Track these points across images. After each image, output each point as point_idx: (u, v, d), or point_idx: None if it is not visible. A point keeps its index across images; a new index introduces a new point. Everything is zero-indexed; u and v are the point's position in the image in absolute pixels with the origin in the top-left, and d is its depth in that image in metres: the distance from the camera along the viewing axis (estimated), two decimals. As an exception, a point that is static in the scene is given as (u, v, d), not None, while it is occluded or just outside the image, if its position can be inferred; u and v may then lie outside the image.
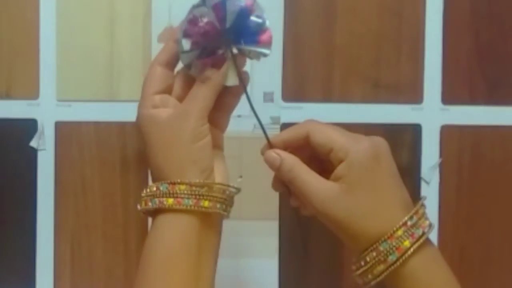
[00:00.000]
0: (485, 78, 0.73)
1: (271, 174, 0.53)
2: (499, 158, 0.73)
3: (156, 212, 0.49)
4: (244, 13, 0.48)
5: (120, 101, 0.73)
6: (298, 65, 0.72)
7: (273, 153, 0.50)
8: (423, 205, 0.49)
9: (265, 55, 0.49)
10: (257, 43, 0.48)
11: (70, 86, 0.74)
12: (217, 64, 0.49)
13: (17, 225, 0.74)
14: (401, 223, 0.47)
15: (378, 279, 0.47)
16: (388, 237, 0.46)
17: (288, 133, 0.51)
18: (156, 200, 0.48)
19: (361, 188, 0.47)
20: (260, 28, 0.48)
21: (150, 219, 0.51)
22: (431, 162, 0.72)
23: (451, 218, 0.72)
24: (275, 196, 0.72)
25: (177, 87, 0.51)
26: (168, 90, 0.51)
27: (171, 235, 0.48)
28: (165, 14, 0.72)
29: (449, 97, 0.72)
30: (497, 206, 0.73)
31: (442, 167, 0.72)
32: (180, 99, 0.51)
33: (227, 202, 0.50)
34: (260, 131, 0.52)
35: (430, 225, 0.48)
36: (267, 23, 0.48)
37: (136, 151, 0.73)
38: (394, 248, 0.46)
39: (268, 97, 0.72)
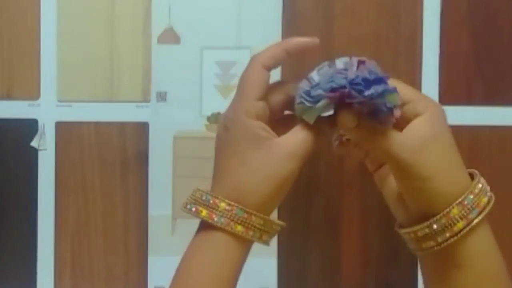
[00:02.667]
0: (482, 78, 0.73)
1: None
2: (496, 158, 0.73)
3: (213, 227, 0.47)
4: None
5: (120, 101, 0.74)
6: (296, 66, 0.73)
7: (349, 114, 0.47)
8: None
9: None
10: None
11: (70, 86, 0.74)
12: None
13: (18, 225, 0.74)
14: (477, 179, 0.47)
15: (456, 238, 0.46)
16: (471, 192, 0.46)
17: None
18: (223, 220, 0.46)
19: (446, 141, 0.47)
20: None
21: (150, 220, 0.51)
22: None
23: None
24: (274, 196, 0.72)
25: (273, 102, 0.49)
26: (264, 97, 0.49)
27: (227, 257, 0.47)
28: (165, 14, 0.73)
29: (446, 97, 0.72)
30: (496, 206, 0.73)
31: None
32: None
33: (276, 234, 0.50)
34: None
35: (492, 197, 0.48)
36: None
37: (136, 151, 0.74)
38: (475, 204, 0.46)
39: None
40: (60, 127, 0.74)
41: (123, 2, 0.73)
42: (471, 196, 0.46)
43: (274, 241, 0.73)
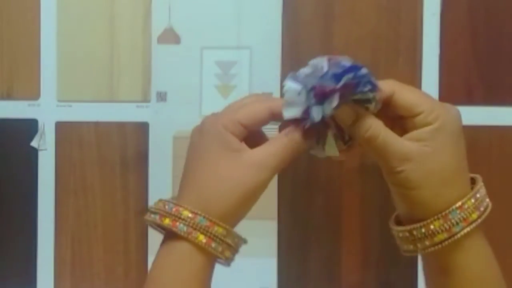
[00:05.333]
0: (482, 78, 0.73)
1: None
2: (496, 158, 0.73)
3: (177, 235, 0.47)
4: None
5: (120, 101, 0.74)
6: (296, 66, 0.73)
7: (347, 108, 0.47)
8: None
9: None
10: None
11: (70, 86, 0.74)
12: (309, 133, 0.48)
13: (18, 225, 0.74)
14: (471, 193, 0.46)
15: (435, 248, 0.46)
16: (459, 207, 0.46)
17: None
18: (187, 228, 0.46)
19: (444, 154, 0.46)
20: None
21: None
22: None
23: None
24: (273, 196, 0.72)
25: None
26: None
27: (191, 268, 0.47)
28: (165, 14, 0.73)
29: (446, 97, 0.72)
30: (495, 206, 0.73)
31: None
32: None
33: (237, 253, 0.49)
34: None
35: (489, 203, 0.48)
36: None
37: (136, 151, 0.74)
38: (462, 219, 0.46)
39: (267, 98, 0.72)
40: (60, 127, 0.74)
41: (123, 2, 0.73)
42: (458, 211, 0.46)
43: (274, 241, 0.73)
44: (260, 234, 0.72)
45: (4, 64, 0.74)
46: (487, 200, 0.48)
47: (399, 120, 0.48)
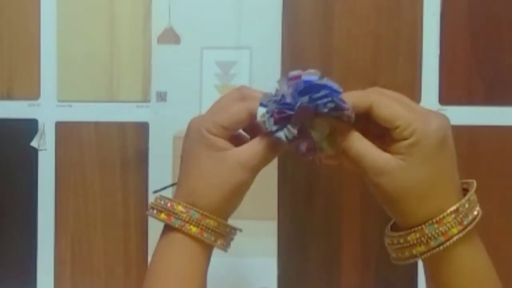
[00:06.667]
0: (482, 78, 0.73)
1: (270, 174, 0.53)
2: (496, 158, 0.73)
3: (172, 228, 0.50)
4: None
5: (120, 101, 0.74)
6: (296, 66, 0.73)
7: (322, 121, 0.47)
8: (474, 192, 0.48)
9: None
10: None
11: (70, 86, 0.74)
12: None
13: (18, 225, 0.74)
14: (452, 209, 0.46)
15: (415, 259, 0.47)
16: (437, 221, 0.46)
17: (351, 100, 0.48)
18: (180, 221, 0.50)
19: (421, 169, 0.46)
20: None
21: (150, 220, 0.52)
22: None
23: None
24: (273, 196, 0.72)
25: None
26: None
27: (185, 257, 0.50)
28: (165, 14, 0.73)
29: (446, 97, 0.73)
30: (495, 205, 0.74)
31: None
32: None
33: (231, 240, 0.53)
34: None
35: (479, 213, 0.47)
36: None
37: (136, 151, 0.74)
38: (440, 233, 0.45)
39: (267, 98, 0.72)
40: (60, 127, 0.74)
41: (123, 2, 0.73)
42: (435, 226, 0.46)
43: (274, 241, 0.73)
44: (260, 234, 0.72)
45: (4, 64, 0.74)
46: (475, 211, 0.47)
47: (383, 133, 0.48)
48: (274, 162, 0.71)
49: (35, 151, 0.74)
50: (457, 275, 0.47)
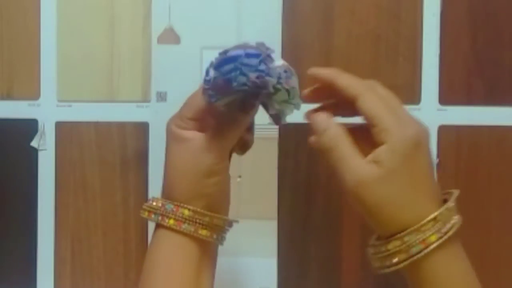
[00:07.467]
0: (482, 78, 0.73)
1: (269, 174, 0.53)
2: (496, 158, 0.73)
3: (157, 225, 0.52)
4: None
5: (120, 101, 0.74)
6: (296, 66, 0.73)
7: (324, 116, 0.49)
8: (454, 200, 0.48)
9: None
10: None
11: (70, 86, 0.74)
12: (247, 108, 0.50)
13: (18, 225, 0.74)
14: (431, 217, 0.46)
15: (396, 267, 0.47)
16: (416, 229, 0.46)
17: (341, 84, 0.48)
18: (159, 216, 0.51)
19: (399, 177, 0.46)
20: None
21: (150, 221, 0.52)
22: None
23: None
24: (273, 196, 0.72)
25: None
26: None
27: (170, 251, 0.51)
28: (165, 14, 0.73)
29: (447, 97, 0.73)
30: (495, 205, 0.74)
31: (440, 167, 0.73)
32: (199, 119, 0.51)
33: (224, 232, 0.53)
34: (260, 132, 0.52)
35: (458, 220, 0.47)
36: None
37: (136, 151, 0.74)
38: (418, 241, 0.46)
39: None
40: (60, 127, 0.74)
41: (123, 2, 0.73)
42: (414, 233, 0.46)
43: (274, 241, 0.73)
44: (260, 234, 0.72)
45: (4, 64, 0.74)
46: (454, 220, 0.47)
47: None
48: (274, 162, 0.71)
49: (35, 151, 0.74)
50: (436, 284, 0.47)
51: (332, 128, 0.48)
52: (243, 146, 0.54)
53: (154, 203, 0.52)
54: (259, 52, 0.46)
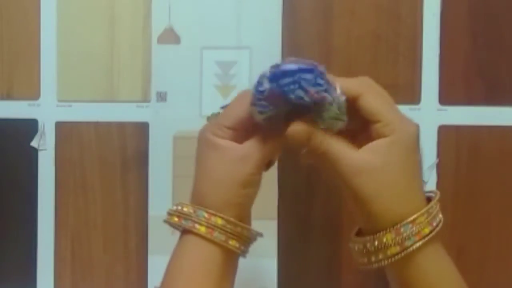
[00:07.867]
0: (482, 78, 0.73)
1: (270, 174, 0.53)
2: (496, 158, 0.73)
3: (185, 231, 0.51)
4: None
5: (120, 101, 0.74)
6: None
7: (299, 127, 0.48)
8: (439, 196, 0.49)
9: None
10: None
11: (70, 86, 0.74)
12: (291, 121, 0.49)
13: (18, 224, 0.74)
14: (424, 210, 0.47)
15: (389, 261, 0.47)
16: (411, 221, 0.46)
17: (342, 84, 0.48)
18: (190, 222, 0.50)
19: (397, 169, 0.47)
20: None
21: (150, 220, 0.52)
22: (428, 162, 0.73)
23: (449, 218, 0.72)
24: (274, 196, 0.72)
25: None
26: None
27: (196, 258, 0.50)
28: (165, 14, 0.73)
29: (446, 97, 0.73)
30: (495, 206, 0.74)
31: (440, 167, 0.73)
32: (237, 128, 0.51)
33: (249, 245, 0.53)
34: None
35: (442, 217, 0.48)
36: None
37: (136, 151, 0.74)
38: (414, 233, 0.46)
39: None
40: (60, 127, 0.74)
41: (123, 2, 0.73)
42: (410, 225, 0.46)
43: (274, 241, 0.73)
44: (260, 234, 0.72)
45: (4, 64, 0.74)
46: (440, 216, 0.48)
47: (367, 125, 0.48)
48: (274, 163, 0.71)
49: (35, 151, 0.74)
50: (426, 280, 0.48)
51: (316, 132, 0.48)
52: (270, 161, 0.53)
53: (185, 209, 0.51)
54: (312, 68, 0.46)
